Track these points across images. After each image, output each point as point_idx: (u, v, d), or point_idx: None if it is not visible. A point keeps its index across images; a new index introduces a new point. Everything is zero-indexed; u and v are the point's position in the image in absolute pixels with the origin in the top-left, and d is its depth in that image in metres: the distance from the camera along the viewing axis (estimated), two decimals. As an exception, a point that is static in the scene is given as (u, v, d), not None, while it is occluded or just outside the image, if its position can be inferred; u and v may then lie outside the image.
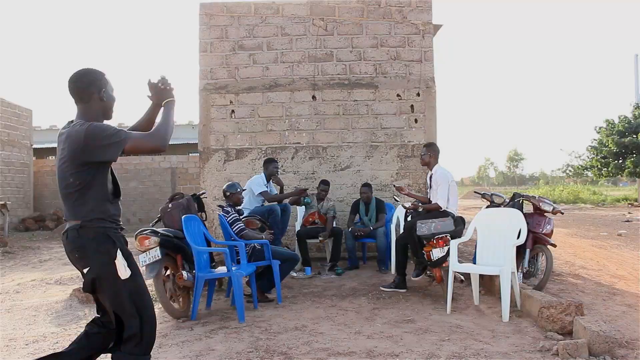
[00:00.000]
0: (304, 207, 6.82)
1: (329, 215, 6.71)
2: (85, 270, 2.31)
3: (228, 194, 5.22)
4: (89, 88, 2.32)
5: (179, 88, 3.24)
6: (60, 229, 13.37)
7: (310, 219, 6.75)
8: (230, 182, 5.42)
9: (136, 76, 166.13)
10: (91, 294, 2.40)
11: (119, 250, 2.27)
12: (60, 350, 2.47)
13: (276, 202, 6.30)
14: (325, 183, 6.81)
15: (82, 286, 2.41)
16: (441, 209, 5.09)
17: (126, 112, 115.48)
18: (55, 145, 2.43)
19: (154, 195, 16.72)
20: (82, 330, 2.53)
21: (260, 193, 6.29)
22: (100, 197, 2.30)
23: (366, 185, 6.77)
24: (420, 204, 5.30)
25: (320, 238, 6.50)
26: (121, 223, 2.42)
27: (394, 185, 5.82)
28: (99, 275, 2.28)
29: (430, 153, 5.34)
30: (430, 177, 5.36)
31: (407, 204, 5.62)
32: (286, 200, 6.53)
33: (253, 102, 7.55)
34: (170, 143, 2.40)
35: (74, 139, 2.21)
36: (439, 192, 5.14)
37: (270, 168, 6.49)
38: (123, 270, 2.26)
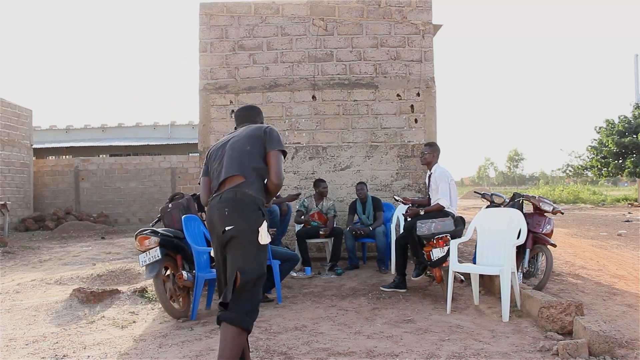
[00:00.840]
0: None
1: (329, 215, 6.72)
2: (227, 228, 2.68)
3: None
4: (258, 116, 3.28)
5: (178, 88, 3.37)
6: (60, 229, 13.36)
7: (310, 220, 6.75)
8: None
9: (136, 75, 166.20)
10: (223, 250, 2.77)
11: (265, 221, 2.71)
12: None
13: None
14: (322, 180, 6.84)
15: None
16: (443, 208, 5.09)
17: (126, 111, 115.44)
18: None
19: (154, 195, 16.74)
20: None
21: None
22: (264, 173, 2.85)
23: (361, 183, 6.83)
24: (421, 208, 5.25)
25: (320, 232, 6.53)
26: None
27: (397, 198, 5.84)
28: (241, 234, 2.66)
29: (431, 152, 5.34)
30: (429, 176, 5.36)
31: (401, 204, 5.60)
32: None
33: (253, 102, 7.55)
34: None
35: (256, 130, 2.97)
36: (439, 191, 5.14)
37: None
38: (265, 237, 2.68)
